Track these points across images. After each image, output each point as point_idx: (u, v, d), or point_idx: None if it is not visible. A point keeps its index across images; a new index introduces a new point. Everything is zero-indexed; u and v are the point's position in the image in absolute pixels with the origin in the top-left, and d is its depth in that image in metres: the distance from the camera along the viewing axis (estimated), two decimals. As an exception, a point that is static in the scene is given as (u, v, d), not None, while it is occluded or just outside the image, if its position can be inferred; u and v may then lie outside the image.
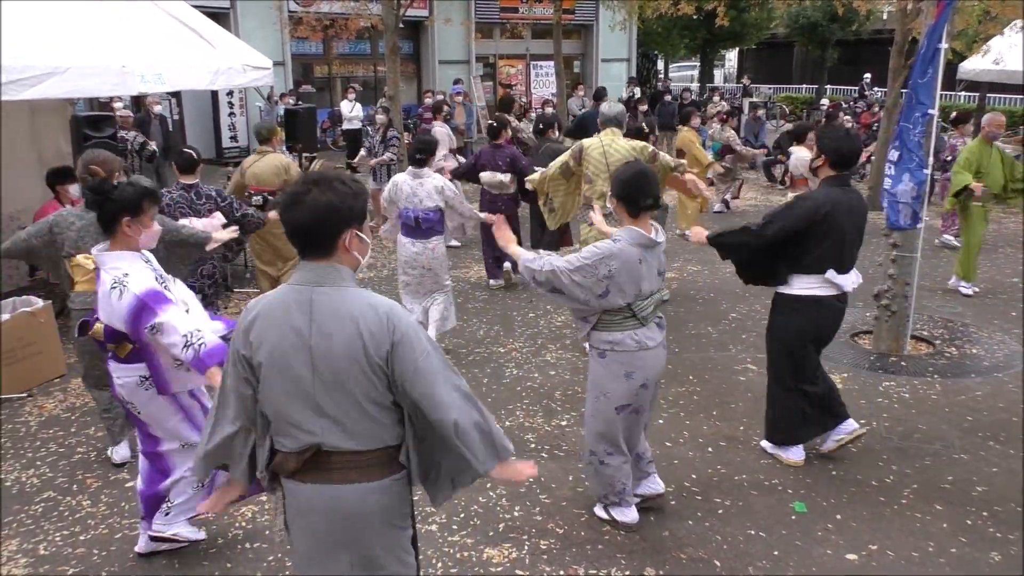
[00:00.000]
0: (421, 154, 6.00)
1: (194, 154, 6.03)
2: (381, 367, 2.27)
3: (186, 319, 3.34)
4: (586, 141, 5.97)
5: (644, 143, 6.09)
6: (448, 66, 21.91)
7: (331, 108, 19.83)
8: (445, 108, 10.91)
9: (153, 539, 3.73)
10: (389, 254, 9.86)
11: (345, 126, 15.94)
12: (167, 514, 3.70)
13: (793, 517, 4.12)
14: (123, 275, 3.34)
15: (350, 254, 2.34)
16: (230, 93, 15.99)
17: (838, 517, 4.11)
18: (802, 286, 4.45)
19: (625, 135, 6.08)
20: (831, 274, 4.38)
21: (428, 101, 15.30)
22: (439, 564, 3.75)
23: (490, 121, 8.80)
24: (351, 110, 15.72)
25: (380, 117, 10.83)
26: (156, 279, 3.43)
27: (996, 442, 4.85)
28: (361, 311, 2.26)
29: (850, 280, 4.48)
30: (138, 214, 3.43)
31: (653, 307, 3.74)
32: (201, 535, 3.85)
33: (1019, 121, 19.47)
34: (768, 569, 3.69)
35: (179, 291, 3.60)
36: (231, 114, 16.77)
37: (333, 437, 2.32)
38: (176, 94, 15.41)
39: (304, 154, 9.48)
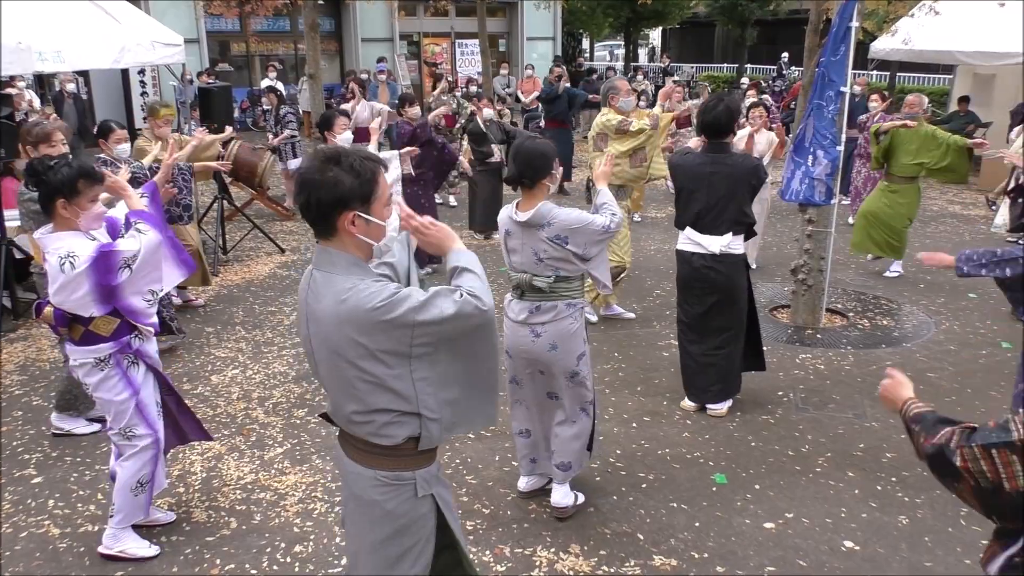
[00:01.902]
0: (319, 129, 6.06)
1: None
2: (361, 361, 2.17)
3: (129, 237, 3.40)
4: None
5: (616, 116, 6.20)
6: (371, 44, 21.50)
7: (251, 87, 19.29)
8: (353, 85, 10.60)
9: (103, 557, 3.61)
10: (312, 236, 9.67)
11: (266, 105, 15.50)
12: (113, 524, 3.61)
13: (714, 489, 4.21)
14: (68, 252, 3.22)
15: (356, 238, 2.20)
16: (142, 71, 15.39)
17: (757, 487, 4.22)
18: (680, 240, 4.96)
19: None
20: (689, 231, 4.82)
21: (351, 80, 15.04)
22: (363, 550, 3.71)
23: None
24: (267, 87, 15.31)
25: (270, 96, 10.74)
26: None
27: (905, 409, 5.04)
28: (335, 301, 2.15)
29: (713, 242, 4.75)
30: (73, 196, 3.28)
31: (524, 288, 3.76)
32: (153, 551, 3.66)
33: (929, 98, 20.20)
34: (689, 541, 3.76)
35: None
36: (143, 93, 16.15)
37: (333, 409, 2.39)
38: (84, 72, 14.76)
39: (220, 135, 9.18)
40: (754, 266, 8.03)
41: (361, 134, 9.44)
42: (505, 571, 3.56)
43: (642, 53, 36.67)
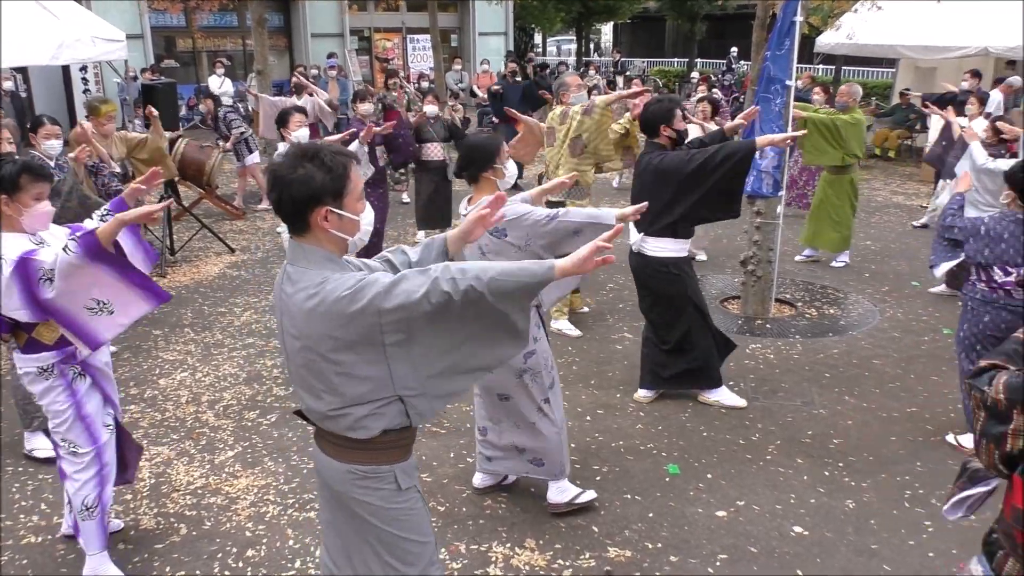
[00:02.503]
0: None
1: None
2: (334, 354, 2.17)
3: (57, 245, 3.15)
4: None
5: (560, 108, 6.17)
6: (321, 39, 21.28)
7: (198, 84, 18.93)
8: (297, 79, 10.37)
9: None
10: (263, 235, 9.55)
11: (205, 110, 15.22)
12: (87, 553, 3.45)
13: (667, 479, 4.26)
14: (3, 254, 3.09)
15: (329, 233, 2.20)
16: (84, 68, 14.99)
17: (709, 476, 4.27)
18: None
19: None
20: (631, 226, 4.81)
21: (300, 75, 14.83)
22: (317, 551, 3.66)
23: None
24: (220, 86, 15.04)
25: (207, 102, 10.59)
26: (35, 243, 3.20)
27: (851, 396, 5.16)
28: (305, 296, 2.16)
29: (632, 235, 4.84)
30: (16, 192, 3.16)
31: None
32: None
33: (871, 92, 20.66)
34: (643, 531, 3.80)
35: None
36: (86, 91, 15.73)
37: (306, 406, 2.36)
38: (23, 70, 14.34)
39: (165, 132, 9.00)
40: (703, 257, 8.12)
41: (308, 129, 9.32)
42: (460, 568, 3.56)
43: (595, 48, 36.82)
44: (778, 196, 6.22)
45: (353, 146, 5.97)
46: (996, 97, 11.14)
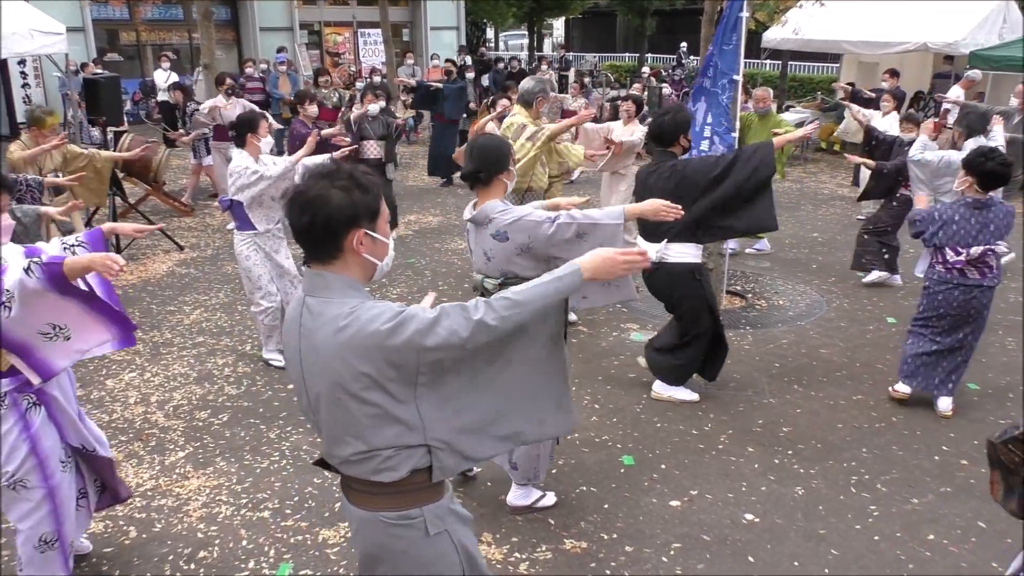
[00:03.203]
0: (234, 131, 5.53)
1: None
2: (365, 393, 2.01)
3: (17, 265, 2.82)
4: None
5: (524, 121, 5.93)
6: (270, 33, 20.93)
7: (143, 78, 18.50)
8: (228, 81, 10.01)
9: None
10: (213, 232, 9.39)
11: (161, 97, 14.90)
12: None
13: (622, 471, 4.30)
14: None
15: (361, 257, 2.06)
16: (22, 62, 14.56)
17: (663, 467, 4.33)
18: None
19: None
20: (638, 238, 4.86)
21: (249, 70, 14.57)
22: (271, 551, 3.64)
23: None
24: (166, 80, 14.70)
25: (176, 93, 10.30)
26: None
27: (799, 385, 5.27)
28: (333, 328, 1.99)
29: (652, 247, 4.72)
30: None
31: (480, 290, 3.59)
32: None
33: (817, 87, 21.07)
34: (599, 522, 3.84)
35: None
36: (24, 85, 15.30)
37: (328, 451, 2.18)
38: (-43, 63, 13.88)
39: (109, 128, 8.80)
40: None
41: (226, 132, 9.07)
42: (417, 563, 3.55)
43: (547, 43, 36.89)
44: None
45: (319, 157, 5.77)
46: (956, 91, 11.44)
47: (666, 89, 14.40)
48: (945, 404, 4.86)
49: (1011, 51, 11.32)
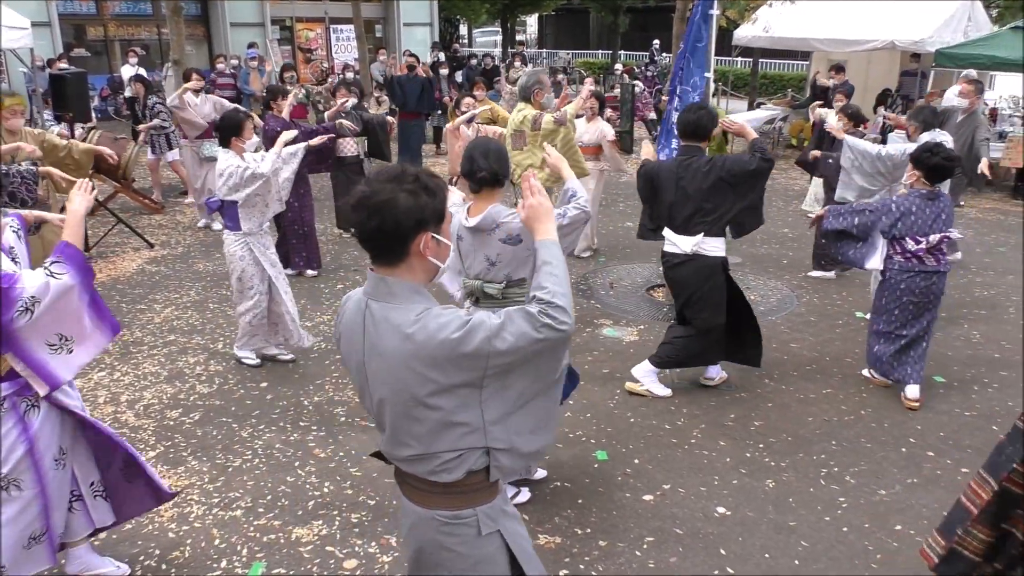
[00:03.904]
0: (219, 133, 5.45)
1: None
2: (432, 399, 2.01)
3: (33, 271, 2.82)
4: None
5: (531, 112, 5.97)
6: (241, 29, 20.74)
7: (111, 74, 18.26)
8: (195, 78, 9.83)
9: None
10: (184, 230, 9.30)
11: (128, 93, 14.68)
12: None
13: (596, 466, 4.33)
14: None
15: (425, 261, 2.06)
16: (-14, 57, 14.31)
17: (636, 462, 4.36)
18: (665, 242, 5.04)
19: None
20: (667, 231, 4.93)
21: (220, 66, 14.43)
22: (244, 551, 3.61)
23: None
24: (133, 75, 14.53)
25: (136, 86, 10.17)
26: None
27: (770, 379, 5.33)
28: (400, 336, 1.99)
29: (687, 241, 4.82)
30: None
31: (477, 295, 3.58)
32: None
33: (787, 84, 21.28)
34: (573, 517, 3.86)
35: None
36: (-10, 80, 15.02)
37: (387, 449, 2.19)
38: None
39: (76, 124, 8.67)
40: (595, 246, 8.24)
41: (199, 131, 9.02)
42: (391, 560, 3.55)
43: (520, 40, 36.87)
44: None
45: (294, 150, 5.74)
46: (955, 90, 11.48)
47: (638, 86, 14.45)
48: (914, 391, 4.97)
49: (975, 49, 11.50)
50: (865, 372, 5.37)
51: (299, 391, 5.21)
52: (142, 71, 14.07)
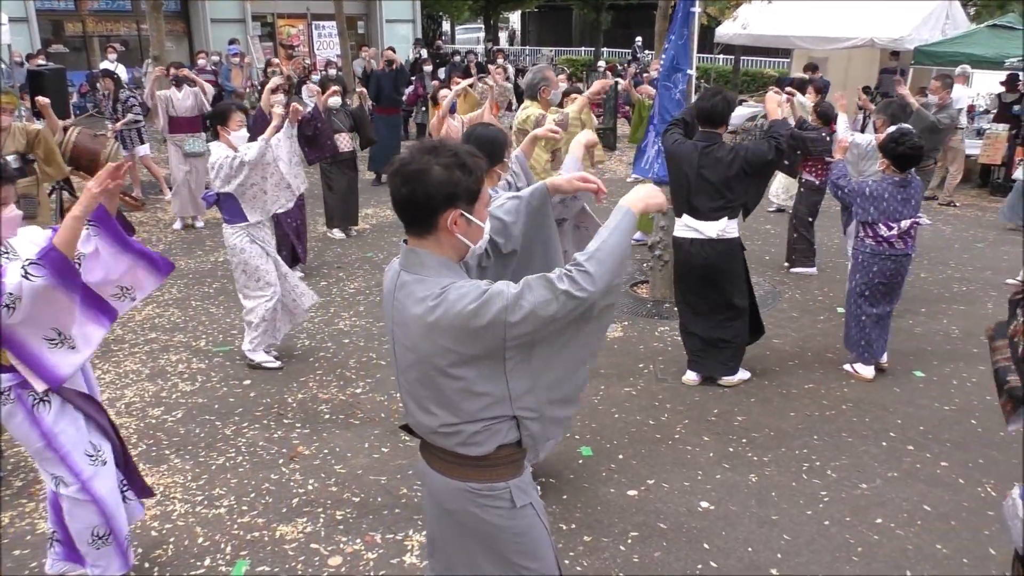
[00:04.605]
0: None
1: None
2: (453, 369, 2.03)
3: (14, 267, 2.74)
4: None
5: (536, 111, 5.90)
6: (222, 25, 20.61)
7: (90, 70, 18.06)
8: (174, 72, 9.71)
9: None
10: (164, 227, 9.23)
11: (104, 90, 14.54)
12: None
13: (580, 461, 4.34)
14: None
15: (455, 237, 2.06)
16: (-38, 53, 14.11)
17: (620, 457, 4.38)
18: (676, 226, 5.14)
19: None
20: (685, 218, 5.03)
21: (201, 62, 14.31)
22: (227, 548, 3.60)
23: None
24: (102, 71, 14.37)
25: (106, 81, 10.08)
26: None
27: (753, 374, 5.36)
28: (424, 307, 2.01)
29: (711, 225, 4.92)
30: None
31: None
32: None
33: (768, 81, 21.39)
34: (558, 513, 3.87)
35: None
36: (-35, 76, 14.80)
37: (415, 420, 2.23)
38: None
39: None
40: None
41: (183, 124, 8.97)
42: (376, 558, 3.55)
43: (503, 37, 36.83)
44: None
45: (280, 135, 5.68)
46: (958, 90, 11.54)
47: (622, 84, 14.47)
48: (881, 362, 5.38)
49: (954, 47, 11.62)
50: (847, 367, 5.43)
51: (283, 388, 5.19)
52: (121, 68, 13.97)
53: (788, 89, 8.16)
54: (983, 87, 13.77)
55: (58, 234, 2.78)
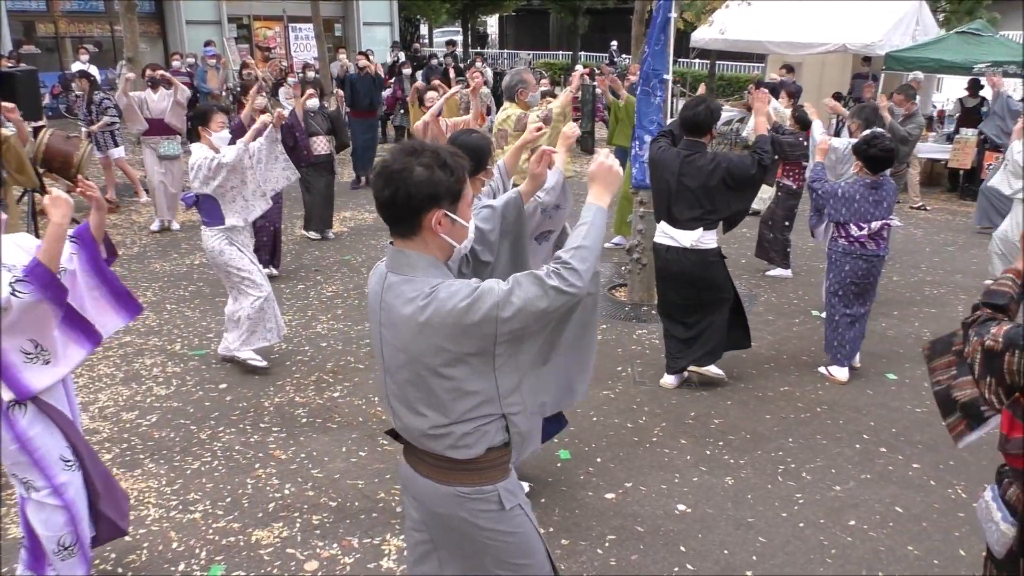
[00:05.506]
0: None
1: None
2: (445, 368, 2.04)
3: (4, 277, 2.69)
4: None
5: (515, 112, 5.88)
6: (197, 27, 20.43)
7: (62, 71, 17.84)
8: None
9: None
10: (139, 230, 9.14)
11: (77, 91, 14.36)
12: None
13: (558, 464, 4.35)
14: None
15: (440, 237, 2.07)
16: (-69, 53, 13.89)
17: (598, 460, 4.40)
18: (656, 232, 5.18)
19: None
20: (663, 224, 5.05)
21: (176, 64, 14.19)
22: (202, 553, 3.57)
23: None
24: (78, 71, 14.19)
25: (81, 82, 9.97)
26: None
27: (730, 377, 5.40)
28: (414, 307, 2.02)
29: (687, 235, 4.94)
30: None
31: None
32: None
33: (744, 86, 21.57)
34: (536, 516, 3.86)
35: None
36: (-66, 77, 14.55)
37: (403, 424, 2.22)
38: None
39: (27, 123, 8.46)
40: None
41: (158, 126, 8.88)
42: (353, 562, 3.53)
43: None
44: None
45: (261, 140, 5.62)
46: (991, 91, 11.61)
47: (599, 88, 14.53)
48: (853, 363, 5.48)
49: (924, 53, 11.79)
50: (822, 369, 5.50)
51: (259, 392, 5.15)
52: (94, 69, 13.80)
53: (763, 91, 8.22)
54: (953, 92, 13.99)
55: (42, 248, 2.75)
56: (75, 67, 14.40)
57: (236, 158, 5.13)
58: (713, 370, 5.25)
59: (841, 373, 5.39)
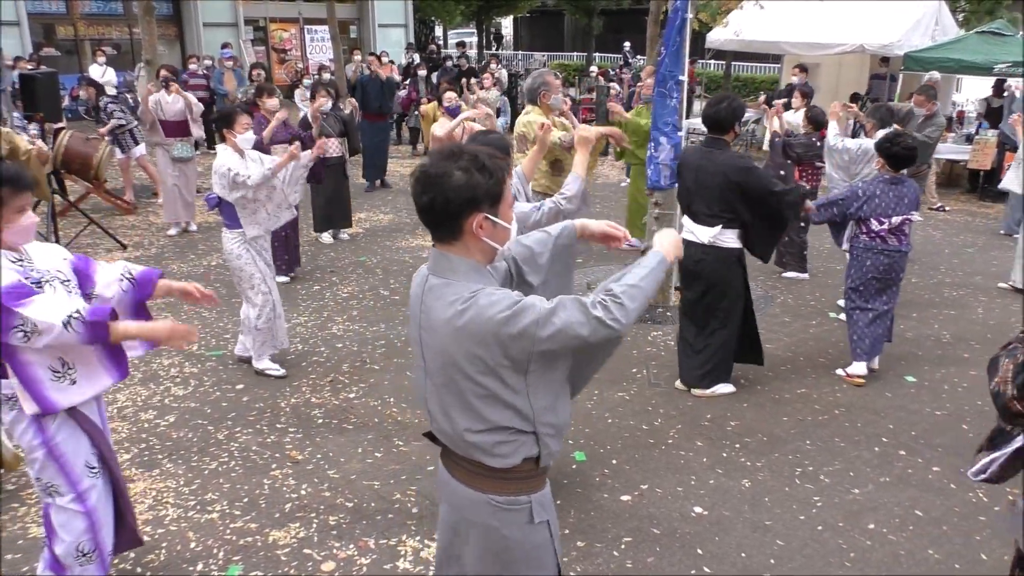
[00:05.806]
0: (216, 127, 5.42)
1: None
2: (479, 376, 2.03)
3: (58, 303, 2.72)
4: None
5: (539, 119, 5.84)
6: (214, 29, 20.59)
7: (81, 73, 18.01)
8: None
9: None
10: (156, 231, 9.20)
11: (83, 96, 14.48)
12: None
13: (574, 466, 4.34)
14: None
15: (480, 241, 2.04)
16: (-48, 56, 14.04)
17: (613, 462, 4.38)
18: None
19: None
20: (685, 219, 5.16)
21: (192, 66, 14.29)
22: (220, 553, 3.59)
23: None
24: (102, 75, 14.27)
25: (88, 89, 10.05)
26: (20, 274, 2.76)
27: (745, 379, 5.38)
28: (453, 311, 2.00)
29: (705, 231, 4.95)
30: None
31: None
32: None
33: (760, 87, 21.49)
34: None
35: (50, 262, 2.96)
36: (-45, 80, 14.73)
37: (439, 427, 2.23)
38: None
39: (47, 124, 8.56)
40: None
41: (172, 128, 8.94)
42: (370, 563, 3.54)
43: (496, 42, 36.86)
44: (675, 188, 6.39)
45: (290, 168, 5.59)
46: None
47: (615, 89, 14.52)
48: (871, 364, 5.45)
49: (943, 53, 11.70)
50: (839, 371, 5.45)
51: (276, 393, 5.18)
52: (111, 71, 13.92)
53: (776, 104, 8.19)
54: (972, 93, 13.87)
55: (117, 325, 2.78)
56: (93, 70, 14.55)
57: (258, 182, 5.14)
58: (721, 388, 5.20)
59: (859, 368, 5.35)
